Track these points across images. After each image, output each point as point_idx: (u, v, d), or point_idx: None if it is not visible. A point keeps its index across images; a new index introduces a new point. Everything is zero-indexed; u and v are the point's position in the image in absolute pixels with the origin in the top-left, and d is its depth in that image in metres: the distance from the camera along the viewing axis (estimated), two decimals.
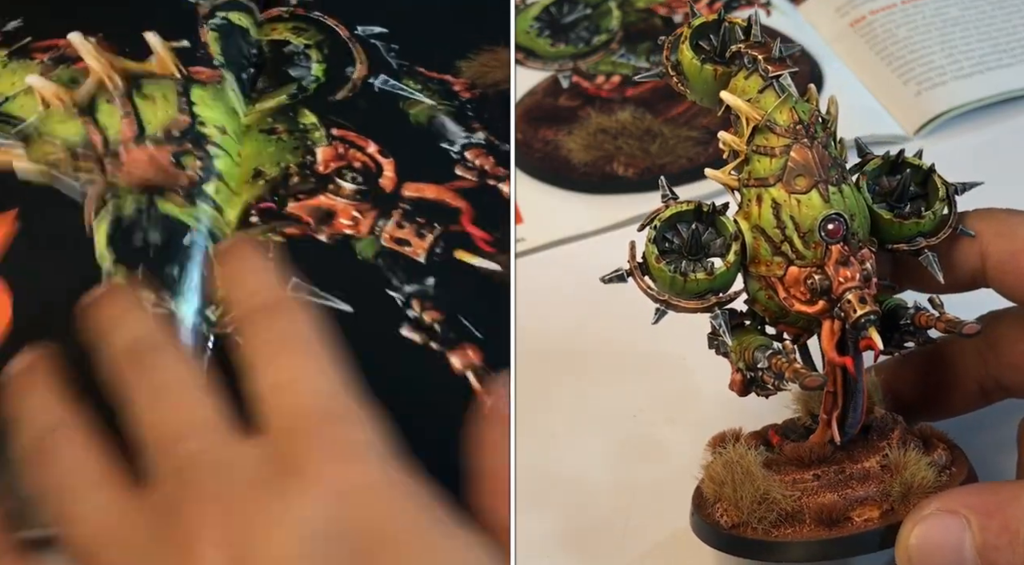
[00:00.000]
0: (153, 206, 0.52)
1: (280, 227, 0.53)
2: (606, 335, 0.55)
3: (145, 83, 0.56)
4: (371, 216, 0.54)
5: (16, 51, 0.57)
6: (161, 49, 0.56)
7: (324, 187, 0.55)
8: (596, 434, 0.51)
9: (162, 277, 0.50)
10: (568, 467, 0.50)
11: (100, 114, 0.55)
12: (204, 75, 0.57)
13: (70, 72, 0.56)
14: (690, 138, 0.65)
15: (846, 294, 0.39)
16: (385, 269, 0.52)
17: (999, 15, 0.68)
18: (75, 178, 0.53)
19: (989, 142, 0.62)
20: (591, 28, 0.72)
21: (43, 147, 0.53)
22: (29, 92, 0.55)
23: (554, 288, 0.58)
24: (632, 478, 0.49)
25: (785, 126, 0.40)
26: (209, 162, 0.54)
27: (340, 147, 0.57)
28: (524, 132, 0.66)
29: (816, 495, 0.41)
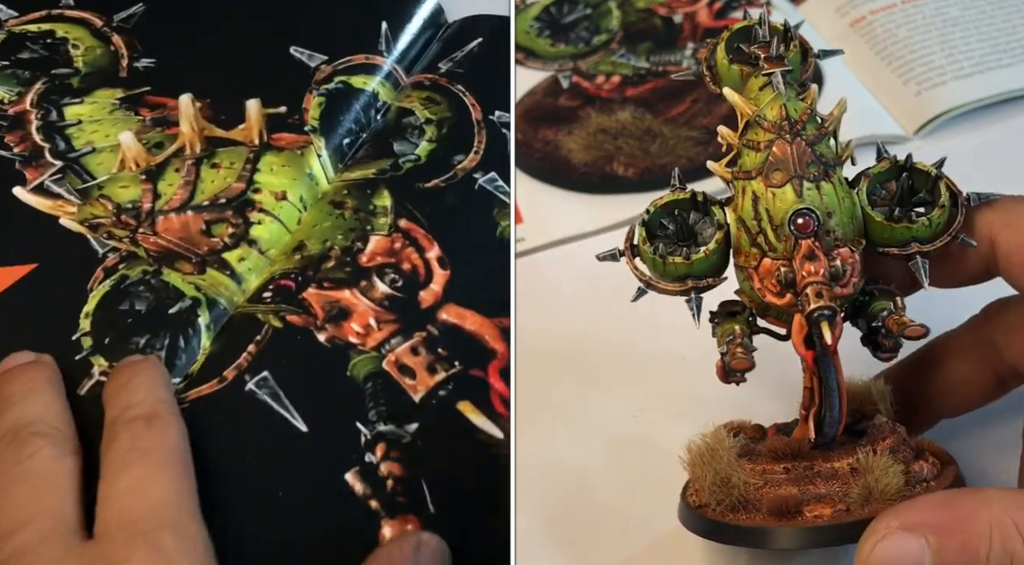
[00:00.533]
0: (157, 275, 0.51)
1: (285, 312, 0.50)
2: (606, 335, 0.55)
3: (220, 151, 0.55)
4: (388, 330, 0.50)
5: (130, 98, 0.58)
6: (255, 117, 0.56)
7: (356, 282, 0.51)
8: (596, 434, 0.51)
9: (123, 346, 0.49)
10: (568, 467, 0.50)
11: (162, 181, 0.55)
12: (285, 141, 0.55)
13: (160, 136, 0.56)
14: (690, 138, 0.65)
15: (806, 288, 0.39)
16: (369, 396, 0.48)
17: (999, 15, 0.68)
18: (103, 243, 0.52)
19: (989, 142, 0.62)
20: (591, 28, 0.72)
21: (95, 208, 0.53)
22: (114, 150, 0.56)
23: (554, 288, 0.58)
24: (632, 478, 0.49)
25: (772, 122, 0.41)
26: (243, 229, 0.52)
27: (399, 241, 0.53)
28: (524, 132, 0.66)
29: (778, 487, 0.41)
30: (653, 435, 0.51)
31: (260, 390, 0.48)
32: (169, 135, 0.56)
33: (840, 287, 0.40)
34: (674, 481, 0.48)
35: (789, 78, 0.42)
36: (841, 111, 0.41)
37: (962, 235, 0.40)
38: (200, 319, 0.50)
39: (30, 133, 0.57)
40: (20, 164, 0.55)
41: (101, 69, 0.60)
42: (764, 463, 0.42)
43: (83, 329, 0.49)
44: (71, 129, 0.57)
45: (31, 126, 0.57)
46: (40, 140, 0.56)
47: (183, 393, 0.48)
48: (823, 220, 0.40)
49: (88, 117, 0.58)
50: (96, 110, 0.58)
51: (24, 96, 0.58)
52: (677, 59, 0.69)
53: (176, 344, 0.49)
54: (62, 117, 0.58)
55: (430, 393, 0.48)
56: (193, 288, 0.51)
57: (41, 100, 0.58)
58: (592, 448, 0.51)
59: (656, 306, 0.45)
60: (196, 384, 0.48)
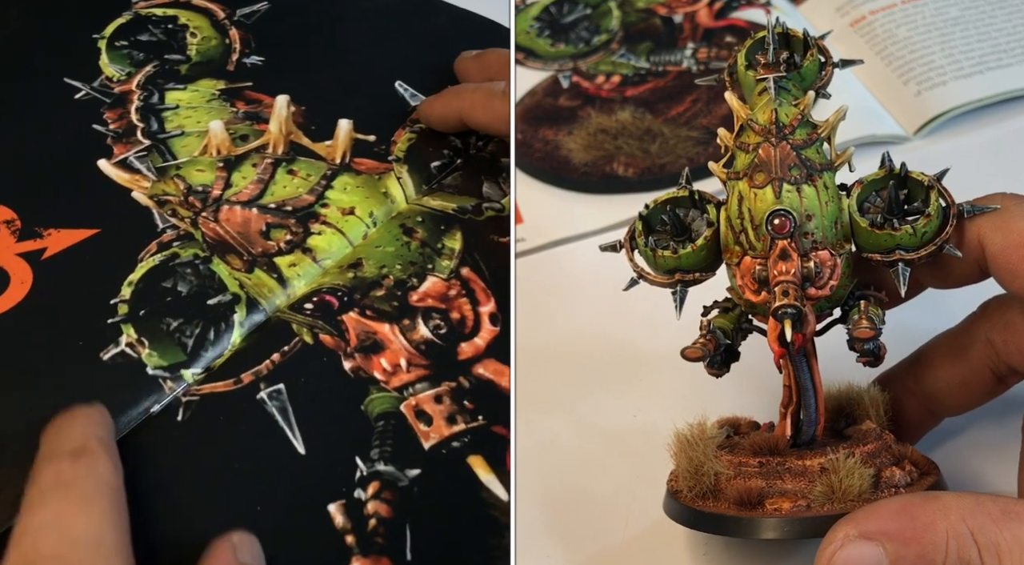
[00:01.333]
0: (207, 262, 0.51)
1: (320, 330, 0.50)
2: (606, 335, 0.55)
3: (300, 159, 0.56)
4: (416, 374, 0.49)
5: (231, 91, 0.59)
6: (343, 137, 0.56)
7: (399, 318, 0.50)
8: (596, 434, 0.51)
9: (154, 324, 0.49)
10: (567, 466, 0.50)
11: (237, 172, 0.55)
12: (365, 166, 0.55)
13: (248, 130, 0.57)
14: (690, 138, 0.65)
15: (776, 286, 0.40)
16: (376, 434, 0.47)
17: (999, 15, 0.68)
18: (165, 219, 0.53)
19: (989, 142, 0.62)
20: (591, 28, 0.72)
21: (167, 186, 0.54)
22: (201, 135, 0.57)
23: (554, 288, 0.58)
24: (632, 478, 0.49)
25: (762, 125, 0.41)
26: (301, 238, 0.52)
27: (455, 288, 0.52)
28: (524, 132, 0.66)
29: (748, 479, 0.42)
30: (653, 435, 0.51)
31: (271, 401, 0.47)
32: (257, 130, 0.57)
33: (815, 289, 0.41)
34: None
35: (786, 83, 0.42)
36: (838, 118, 0.42)
37: (948, 245, 0.40)
38: (235, 316, 0.50)
39: (128, 112, 0.58)
40: (112, 140, 0.56)
41: (211, 60, 0.61)
42: (741, 456, 0.43)
43: (122, 296, 0.50)
44: (167, 112, 0.58)
45: (131, 106, 0.58)
46: (136, 119, 0.57)
47: (198, 385, 0.48)
48: (800, 222, 0.41)
49: (186, 103, 0.59)
50: (195, 98, 0.59)
51: (133, 77, 0.60)
52: (677, 59, 0.69)
53: (206, 335, 0.49)
54: (162, 100, 0.59)
55: (443, 442, 0.47)
56: (237, 284, 0.50)
57: (147, 82, 0.60)
58: (591, 448, 0.51)
59: (656, 306, 0.45)
60: (212, 380, 0.48)
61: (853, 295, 0.42)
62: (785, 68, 0.43)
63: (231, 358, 0.49)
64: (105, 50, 0.61)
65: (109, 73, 0.60)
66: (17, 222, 0.52)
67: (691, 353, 0.42)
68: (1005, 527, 0.36)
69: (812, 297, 0.41)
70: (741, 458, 0.43)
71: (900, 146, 0.63)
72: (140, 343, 0.48)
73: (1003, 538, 0.36)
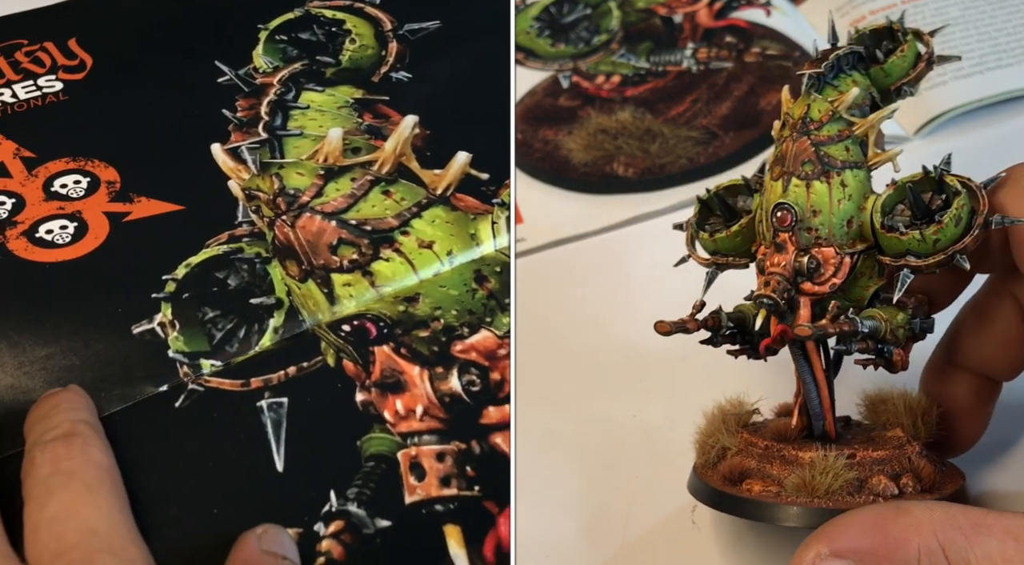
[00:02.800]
0: (266, 262, 0.51)
1: (346, 355, 0.48)
2: (606, 335, 0.55)
3: (400, 182, 0.54)
4: (428, 425, 0.47)
5: (365, 101, 0.58)
6: (455, 169, 0.55)
7: (433, 365, 0.48)
8: (595, 434, 0.51)
9: (192, 311, 0.49)
10: (567, 467, 0.50)
11: (333, 182, 0.54)
12: (465, 203, 0.54)
13: (363, 143, 0.56)
14: (690, 138, 0.65)
15: (766, 277, 0.41)
16: (362, 475, 0.45)
17: (999, 15, 0.68)
18: (248, 213, 0.53)
19: (989, 142, 0.62)
20: (591, 28, 0.72)
21: (263, 182, 0.54)
22: (317, 140, 0.56)
23: (554, 288, 0.58)
24: (631, 478, 0.49)
25: (794, 119, 0.42)
26: (367, 260, 0.51)
27: (506, 348, 0.49)
28: (524, 132, 0.66)
29: (746, 458, 0.43)
30: (653, 435, 0.51)
31: (268, 412, 0.47)
32: (371, 145, 0.56)
33: (813, 284, 0.41)
34: (674, 480, 0.48)
35: (842, 78, 0.43)
36: (879, 117, 0.42)
37: (960, 256, 0.40)
38: (272, 321, 0.49)
39: (260, 104, 0.58)
40: (233, 127, 0.56)
41: (359, 68, 0.60)
42: (755, 437, 0.44)
43: (175, 275, 0.50)
44: (295, 111, 0.58)
45: (265, 98, 0.58)
46: (264, 112, 0.57)
47: (210, 375, 0.48)
48: (803, 217, 0.41)
49: (317, 105, 0.58)
50: (328, 102, 0.58)
51: (278, 71, 0.59)
52: (677, 59, 0.69)
53: (236, 332, 0.49)
54: (296, 98, 0.58)
55: (427, 502, 0.45)
56: (285, 291, 0.50)
57: (290, 79, 0.59)
58: (591, 448, 0.51)
59: (657, 306, 0.45)
60: (224, 375, 0.48)
61: (878, 297, 0.42)
62: (853, 59, 0.43)
63: (251, 359, 0.48)
64: (263, 41, 0.61)
65: (258, 63, 0.60)
66: (118, 184, 0.54)
67: (659, 327, 0.43)
68: (976, 542, 0.36)
69: (808, 292, 0.41)
70: (753, 439, 0.44)
71: (900, 146, 0.63)
72: (172, 325, 0.49)
73: (974, 554, 0.36)
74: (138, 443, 0.45)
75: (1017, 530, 0.36)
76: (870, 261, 0.41)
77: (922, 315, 0.42)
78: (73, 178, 0.53)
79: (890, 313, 0.41)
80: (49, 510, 0.40)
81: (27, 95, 0.57)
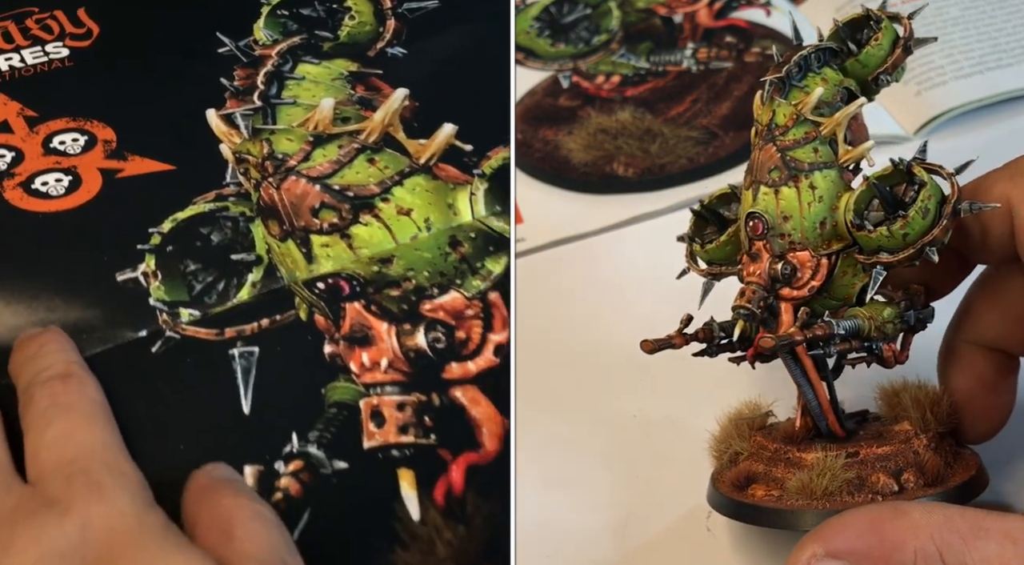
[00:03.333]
0: (249, 221, 0.52)
1: (318, 310, 0.50)
2: (606, 335, 0.55)
3: (385, 151, 0.55)
4: (391, 377, 0.48)
5: (359, 74, 0.59)
6: (439, 140, 0.55)
7: (401, 322, 0.50)
8: (595, 433, 0.51)
9: (175, 263, 0.51)
10: (567, 466, 0.50)
11: (320, 149, 0.55)
12: (446, 173, 0.54)
13: (353, 113, 0.57)
14: (690, 138, 0.65)
15: (744, 287, 0.41)
16: (324, 420, 0.47)
17: (999, 15, 0.68)
18: (236, 174, 0.54)
19: (989, 142, 0.62)
20: (591, 28, 0.72)
21: (253, 146, 0.55)
22: (310, 109, 0.56)
23: (554, 288, 0.58)
24: (631, 478, 0.49)
25: (761, 126, 0.42)
26: (345, 223, 0.52)
27: (474, 309, 0.50)
28: (524, 132, 0.66)
29: (755, 462, 0.43)
30: (652, 435, 0.51)
31: (239, 360, 0.48)
32: (360, 115, 0.57)
33: (792, 289, 0.41)
34: (674, 480, 0.48)
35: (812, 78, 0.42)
36: (845, 115, 0.41)
37: (930, 248, 0.39)
38: (251, 276, 0.51)
39: (257, 74, 0.59)
40: (230, 94, 0.58)
41: (356, 43, 0.61)
42: (768, 440, 0.44)
43: (161, 228, 0.52)
44: (291, 81, 0.59)
45: (263, 69, 0.59)
46: (260, 81, 0.58)
47: (187, 323, 0.49)
48: (774, 224, 0.41)
49: (313, 77, 0.59)
50: (323, 74, 0.59)
51: (277, 44, 0.60)
52: (677, 59, 0.69)
53: (216, 285, 0.50)
54: (293, 70, 0.59)
55: (384, 447, 0.46)
56: (265, 249, 0.52)
57: (288, 51, 0.60)
58: (591, 448, 0.51)
59: (657, 306, 0.45)
60: (201, 323, 0.49)
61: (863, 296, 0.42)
62: (825, 56, 0.42)
63: (227, 310, 0.50)
64: (265, 15, 0.62)
65: (258, 36, 0.61)
66: (114, 143, 0.55)
67: (644, 345, 0.43)
68: (973, 546, 0.36)
69: (787, 297, 0.41)
70: (765, 441, 0.44)
71: (900, 146, 0.63)
72: (154, 275, 0.50)
73: (971, 558, 0.36)
74: (114, 383, 0.47)
75: (1016, 533, 0.36)
76: (851, 259, 0.41)
77: (919, 305, 0.42)
78: (72, 136, 0.55)
79: (875, 310, 0.41)
80: (48, 435, 0.43)
81: (35, 60, 0.59)
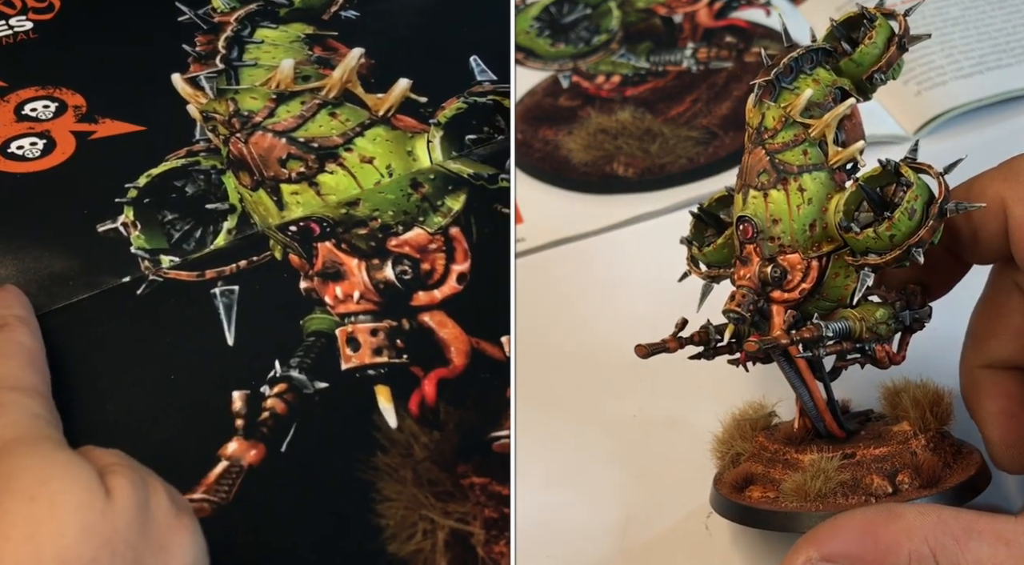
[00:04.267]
0: (220, 173, 0.55)
1: (292, 250, 0.53)
2: (606, 335, 0.55)
3: (345, 106, 0.58)
4: (363, 307, 0.52)
5: (315, 37, 0.62)
6: (396, 94, 0.58)
7: (370, 257, 0.53)
8: (595, 433, 0.51)
9: (153, 214, 0.54)
10: (567, 467, 0.50)
11: (284, 105, 0.58)
12: (404, 123, 0.58)
13: (312, 71, 0.60)
14: (690, 138, 0.65)
15: (734, 291, 0.41)
16: (304, 347, 0.51)
17: (999, 15, 0.68)
18: (205, 132, 0.57)
19: (989, 142, 0.62)
20: (591, 28, 0.72)
21: (219, 105, 0.57)
22: (271, 70, 0.59)
23: (554, 288, 0.58)
24: (631, 478, 0.49)
25: (751, 129, 0.42)
26: (313, 172, 0.55)
27: (437, 243, 0.54)
28: (524, 132, 0.66)
29: (755, 463, 0.44)
30: (652, 435, 0.51)
31: (221, 297, 0.52)
32: (320, 74, 0.59)
33: (783, 291, 0.41)
34: (674, 480, 0.48)
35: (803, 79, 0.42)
36: (834, 117, 0.41)
37: (916, 249, 0.39)
38: (226, 223, 0.54)
39: (218, 39, 0.61)
40: (193, 59, 0.60)
41: (311, 8, 0.63)
42: (769, 441, 0.44)
43: (137, 184, 0.54)
44: (251, 45, 0.61)
45: (223, 35, 0.61)
46: (221, 46, 0.61)
47: (168, 268, 0.52)
48: (764, 227, 0.41)
49: (271, 40, 0.61)
50: (282, 37, 0.62)
51: (235, 11, 0.62)
52: (677, 59, 0.69)
53: (193, 233, 0.53)
54: (252, 35, 0.62)
55: (360, 368, 0.51)
56: (238, 198, 0.54)
57: (246, 18, 0.62)
58: (591, 447, 0.51)
59: (657, 306, 0.45)
60: (182, 267, 0.52)
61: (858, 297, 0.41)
62: (818, 56, 0.42)
63: (206, 255, 0.53)
64: None
65: (216, 4, 0.63)
66: (84, 108, 0.57)
67: (637, 350, 0.43)
68: (966, 547, 0.36)
69: (778, 300, 0.41)
70: (767, 442, 0.44)
71: (900, 146, 0.63)
72: (134, 225, 0.53)
73: (964, 559, 0.36)
74: (103, 324, 0.51)
75: (1008, 534, 0.36)
76: (842, 260, 0.41)
77: (915, 306, 0.42)
78: (42, 103, 0.57)
79: (867, 311, 0.41)
80: None
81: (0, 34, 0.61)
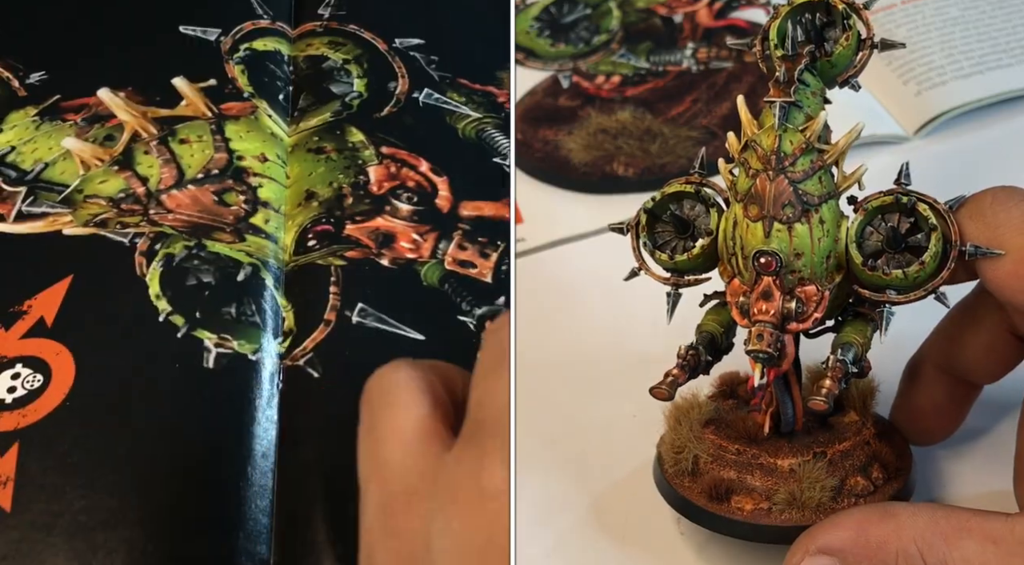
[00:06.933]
0: (202, 247, 0.52)
1: (341, 250, 0.53)
2: (606, 335, 0.55)
3: (179, 128, 0.56)
4: (431, 238, 0.54)
5: (46, 111, 0.57)
6: (190, 92, 0.57)
7: (381, 209, 0.55)
8: (595, 434, 0.51)
9: (220, 317, 0.50)
10: (566, 467, 0.50)
11: (139, 165, 0.55)
12: (235, 109, 0.57)
13: (105, 130, 0.56)
14: (690, 138, 0.65)
15: (753, 326, 0.40)
16: (452, 294, 0.52)
17: (999, 15, 0.68)
18: (123, 233, 0.52)
19: (989, 142, 0.62)
20: (591, 28, 0.72)
21: (89, 208, 0.53)
22: (68, 156, 0.55)
23: (554, 288, 0.58)
24: (631, 478, 0.49)
25: (765, 151, 0.39)
26: (252, 194, 0.54)
27: (392, 166, 0.56)
28: (524, 132, 0.66)
29: (722, 468, 0.43)
30: (653, 435, 0.51)
31: (366, 319, 0.51)
32: (114, 126, 0.56)
33: (797, 323, 0.40)
34: None
35: (803, 94, 0.40)
36: (848, 142, 0.40)
37: (939, 292, 0.39)
38: (267, 280, 0.52)
39: None
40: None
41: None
42: (723, 439, 0.43)
43: (164, 310, 0.50)
44: (10, 156, 0.55)
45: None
46: None
47: (292, 349, 0.50)
48: (788, 262, 0.40)
49: (18, 141, 0.56)
50: (20, 133, 0.56)
51: None
52: (677, 59, 0.69)
53: (262, 308, 0.51)
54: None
55: (495, 271, 0.53)
56: (245, 255, 0.52)
57: None
58: (591, 448, 0.51)
59: (656, 306, 0.45)
60: (304, 336, 0.51)
61: (847, 309, 0.42)
62: (809, 59, 0.40)
63: (298, 314, 0.51)
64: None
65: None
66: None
67: (658, 393, 0.42)
68: (955, 545, 0.37)
69: (792, 330, 0.41)
70: (722, 441, 0.43)
71: (900, 146, 0.63)
72: (224, 339, 0.49)
73: (951, 557, 0.37)
74: None
75: (996, 533, 0.37)
76: (841, 282, 0.41)
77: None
78: None
79: (859, 332, 0.41)
80: None
81: None
